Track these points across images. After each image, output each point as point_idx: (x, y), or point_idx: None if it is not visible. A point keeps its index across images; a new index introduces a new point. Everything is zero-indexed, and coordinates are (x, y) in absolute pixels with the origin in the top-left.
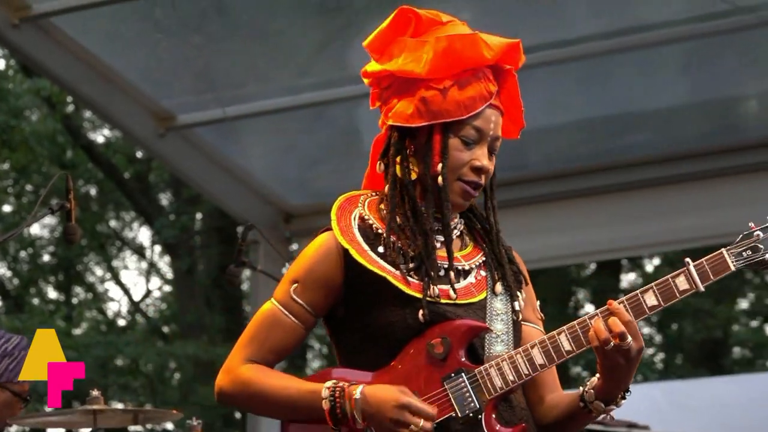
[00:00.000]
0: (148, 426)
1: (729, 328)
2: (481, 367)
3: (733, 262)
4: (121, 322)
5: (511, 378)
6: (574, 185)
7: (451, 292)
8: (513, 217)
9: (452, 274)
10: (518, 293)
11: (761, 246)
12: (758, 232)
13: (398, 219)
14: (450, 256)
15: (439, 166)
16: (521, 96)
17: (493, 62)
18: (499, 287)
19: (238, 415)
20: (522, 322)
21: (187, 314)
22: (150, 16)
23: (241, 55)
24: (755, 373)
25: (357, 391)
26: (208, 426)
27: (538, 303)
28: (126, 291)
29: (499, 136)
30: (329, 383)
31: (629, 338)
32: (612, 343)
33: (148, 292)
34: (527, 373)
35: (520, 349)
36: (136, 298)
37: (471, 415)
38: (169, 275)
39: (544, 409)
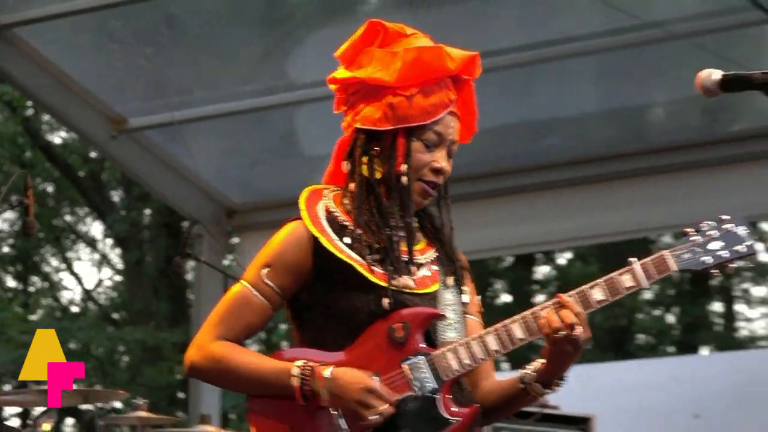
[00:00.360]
0: (98, 405)
1: (633, 316)
2: (438, 351)
3: (675, 262)
4: (75, 309)
5: (467, 362)
6: (494, 185)
7: (411, 283)
8: None
9: (411, 266)
10: (464, 287)
11: (699, 249)
12: (696, 237)
13: (364, 215)
14: (410, 250)
15: (403, 166)
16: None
17: (455, 72)
18: (450, 281)
19: (181, 395)
20: (466, 314)
21: (136, 302)
22: (105, 28)
23: (188, 65)
24: (657, 357)
25: (327, 372)
26: (154, 405)
27: (478, 298)
28: (79, 280)
29: (456, 140)
30: (299, 362)
31: (579, 328)
32: (563, 332)
33: (100, 282)
34: (482, 358)
35: (475, 335)
36: (89, 287)
37: (428, 395)
38: (120, 266)
39: (479, 394)
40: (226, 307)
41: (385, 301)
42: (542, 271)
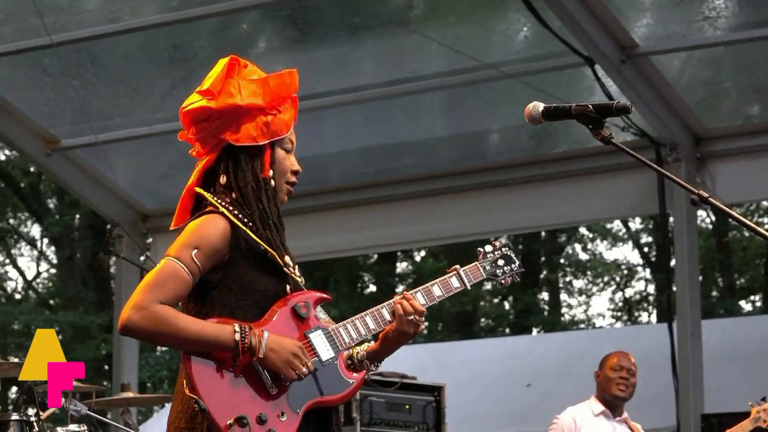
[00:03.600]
0: None
1: (477, 303)
2: (332, 326)
3: (482, 272)
4: (18, 296)
5: (354, 336)
6: (361, 196)
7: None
8: (316, 219)
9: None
10: None
11: (493, 264)
12: (489, 255)
13: (257, 216)
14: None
15: (270, 172)
16: (323, 128)
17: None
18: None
19: (106, 367)
20: None
21: (68, 290)
22: (40, 64)
23: (109, 96)
24: (496, 337)
25: (264, 332)
26: None
27: None
28: (21, 273)
29: None
30: (237, 324)
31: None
32: (413, 317)
33: (39, 274)
34: (364, 334)
35: (357, 316)
36: (29, 278)
37: (329, 361)
38: (55, 261)
39: None
40: (159, 278)
41: (288, 288)
42: (402, 266)
